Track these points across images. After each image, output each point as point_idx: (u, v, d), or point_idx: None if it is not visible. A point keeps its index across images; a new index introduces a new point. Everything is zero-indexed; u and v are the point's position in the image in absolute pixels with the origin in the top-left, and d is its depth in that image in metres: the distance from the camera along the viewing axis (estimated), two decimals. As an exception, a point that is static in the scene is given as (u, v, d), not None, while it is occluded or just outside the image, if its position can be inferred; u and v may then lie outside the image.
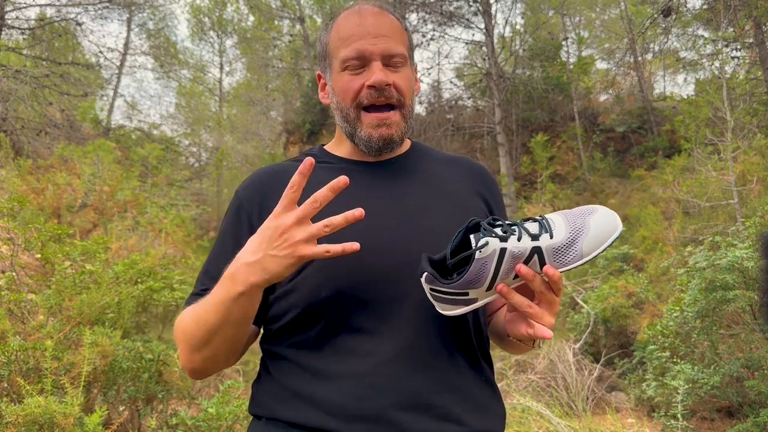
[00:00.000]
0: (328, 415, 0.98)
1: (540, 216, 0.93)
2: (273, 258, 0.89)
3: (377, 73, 1.06)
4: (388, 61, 1.09)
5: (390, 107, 1.09)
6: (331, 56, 1.13)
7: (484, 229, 0.89)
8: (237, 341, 1.04)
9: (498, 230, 0.89)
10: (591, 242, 0.90)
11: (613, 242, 0.91)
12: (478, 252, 0.87)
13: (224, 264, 1.08)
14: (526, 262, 0.89)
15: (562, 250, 0.89)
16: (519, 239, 0.88)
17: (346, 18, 1.12)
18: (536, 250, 0.88)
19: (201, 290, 1.11)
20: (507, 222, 0.91)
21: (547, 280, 0.91)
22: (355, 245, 0.87)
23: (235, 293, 0.92)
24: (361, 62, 1.08)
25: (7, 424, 2.20)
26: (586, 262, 0.90)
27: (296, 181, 0.86)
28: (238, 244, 1.08)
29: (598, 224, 0.90)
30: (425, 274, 0.91)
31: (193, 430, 2.86)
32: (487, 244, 0.86)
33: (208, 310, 0.98)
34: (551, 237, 0.89)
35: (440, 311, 0.95)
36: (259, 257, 0.89)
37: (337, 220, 0.86)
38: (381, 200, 1.10)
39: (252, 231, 1.08)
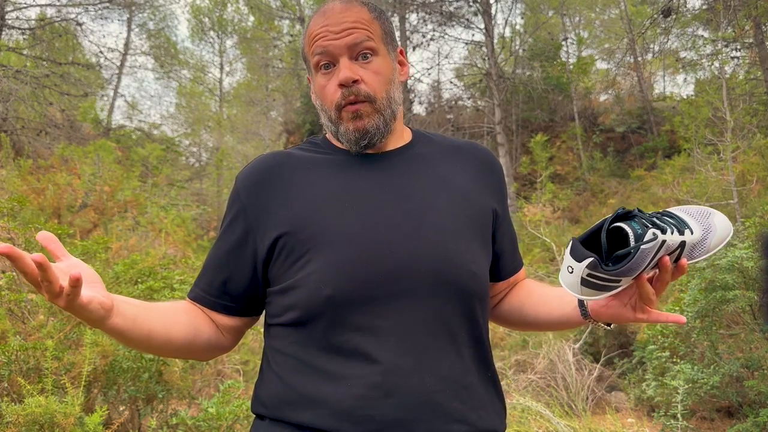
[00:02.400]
0: (335, 417, 0.98)
1: (667, 212, 1.01)
2: None
3: (343, 70, 1.06)
4: (355, 54, 1.07)
5: (361, 101, 1.08)
6: (307, 60, 1.14)
7: (644, 220, 0.94)
8: (153, 346, 1.07)
9: (652, 222, 0.95)
10: (716, 241, 1.01)
11: (727, 242, 1.03)
12: (645, 244, 0.91)
13: (219, 261, 1.13)
14: (670, 254, 0.95)
15: (697, 245, 0.99)
16: (672, 233, 0.94)
17: (314, 19, 1.12)
18: (682, 245, 0.96)
19: (194, 286, 1.16)
20: (648, 214, 0.97)
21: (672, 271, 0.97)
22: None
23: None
24: (330, 60, 1.08)
25: (7, 423, 2.21)
26: (707, 257, 1.03)
27: None
28: (234, 243, 1.11)
29: (721, 226, 1.02)
30: (590, 260, 0.93)
31: (193, 430, 2.86)
32: (655, 237, 0.91)
33: None
34: (692, 233, 0.98)
35: (577, 295, 0.98)
36: None
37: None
38: (384, 194, 1.08)
39: (251, 226, 1.09)
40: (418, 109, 17.01)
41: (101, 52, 15.56)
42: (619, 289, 0.98)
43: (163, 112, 26.31)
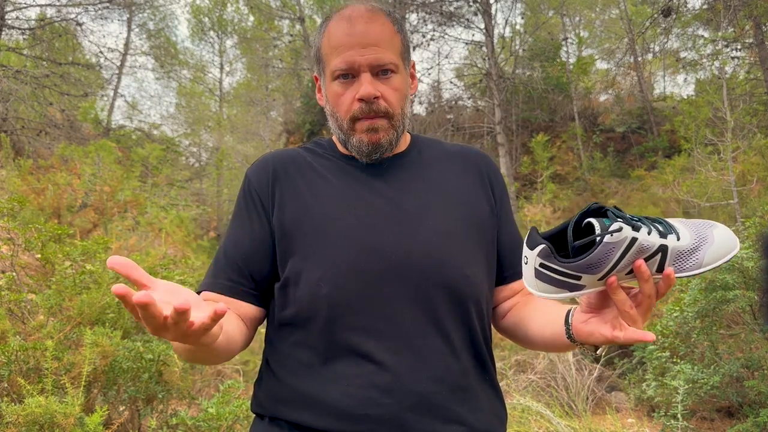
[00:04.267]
0: (332, 417, 0.99)
1: (659, 218, 0.88)
2: None
3: (365, 86, 1.06)
4: (378, 71, 1.08)
5: (378, 116, 1.09)
6: (323, 63, 1.13)
7: (614, 214, 0.83)
8: (220, 354, 1.01)
9: (628, 220, 0.84)
10: (713, 254, 0.86)
11: (730, 259, 0.87)
12: (609, 235, 0.81)
13: (240, 247, 1.11)
14: (648, 259, 0.84)
15: (685, 255, 0.85)
16: (649, 233, 0.83)
17: (336, 24, 1.10)
18: (662, 249, 0.84)
19: (213, 278, 1.11)
20: (629, 215, 0.86)
21: (657, 283, 0.86)
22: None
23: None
24: (351, 73, 1.08)
25: (7, 424, 2.21)
26: (702, 273, 0.86)
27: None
28: (253, 227, 1.11)
29: (721, 238, 0.87)
30: (542, 247, 0.85)
31: (193, 430, 2.86)
32: (620, 229, 0.81)
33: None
34: (678, 239, 0.85)
35: (536, 292, 0.89)
36: None
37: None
38: (382, 198, 1.10)
39: (265, 212, 1.10)
40: (418, 109, 17.02)
41: (101, 52, 15.56)
42: (585, 291, 0.87)
43: (163, 112, 26.32)
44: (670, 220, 0.89)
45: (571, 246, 0.85)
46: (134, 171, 10.66)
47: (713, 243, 0.86)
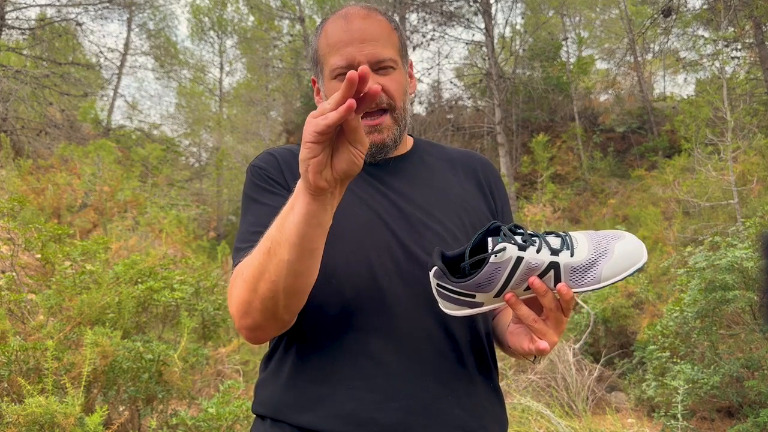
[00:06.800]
0: (337, 420, 0.98)
1: (564, 232, 0.91)
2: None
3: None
4: (377, 67, 1.07)
5: (381, 111, 1.08)
6: (321, 62, 1.12)
7: (504, 235, 0.87)
8: (300, 278, 0.90)
9: (518, 238, 0.87)
10: (612, 268, 0.87)
11: (634, 272, 0.87)
12: (493, 256, 0.85)
13: (265, 218, 0.98)
14: (541, 276, 0.87)
15: (581, 270, 0.87)
16: (538, 251, 0.86)
17: (333, 23, 1.09)
18: (553, 266, 0.86)
19: (251, 246, 1.00)
20: (529, 232, 0.89)
21: (558, 297, 0.88)
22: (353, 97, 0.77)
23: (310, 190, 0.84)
24: (350, 69, 1.06)
25: (7, 423, 2.21)
26: (603, 287, 0.88)
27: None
28: (275, 201, 1.02)
29: (622, 251, 0.87)
30: (435, 268, 0.90)
31: (193, 430, 2.86)
32: (504, 249, 0.85)
33: (282, 224, 0.88)
34: (572, 255, 0.87)
35: (443, 309, 0.94)
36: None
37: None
38: (385, 200, 1.09)
39: (284, 189, 1.05)
40: (418, 109, 17.02)
41: (101, 52, 15.59)
42: (486, 308, 0.91)
43: (163, 112, 26.29)
44: (576, 234, 0.90)
45: (462, 266, 0.90)
46: (134, 171, 10.65)
47: (611, 258, 0.87)
